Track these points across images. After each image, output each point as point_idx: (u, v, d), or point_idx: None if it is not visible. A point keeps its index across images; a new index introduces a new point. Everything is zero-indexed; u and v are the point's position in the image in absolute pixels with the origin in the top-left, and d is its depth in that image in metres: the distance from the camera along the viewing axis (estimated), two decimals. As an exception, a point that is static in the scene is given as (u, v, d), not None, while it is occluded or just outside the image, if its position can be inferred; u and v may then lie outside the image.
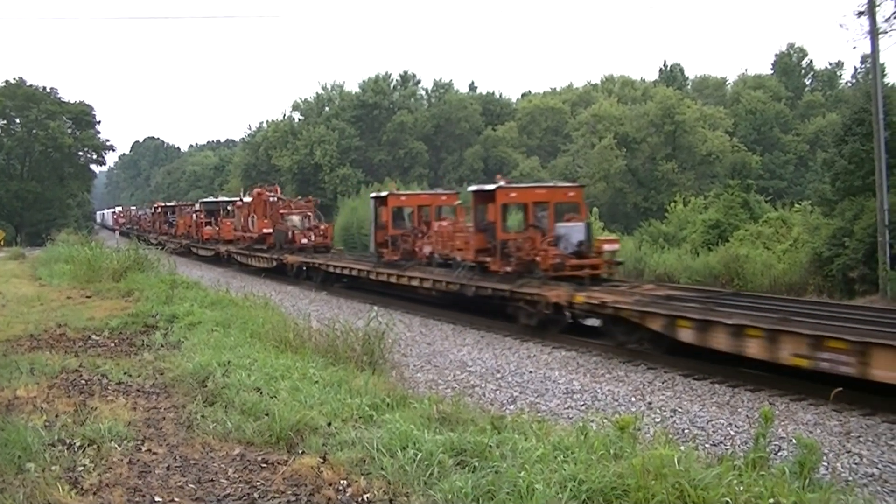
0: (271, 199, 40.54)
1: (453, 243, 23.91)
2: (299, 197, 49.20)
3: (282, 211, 39.20)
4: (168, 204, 74.14)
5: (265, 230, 39.40)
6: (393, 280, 26.62)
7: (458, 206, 27.25)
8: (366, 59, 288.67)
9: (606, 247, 20.89)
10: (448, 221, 25.87)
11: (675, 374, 15.07)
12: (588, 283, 19.42)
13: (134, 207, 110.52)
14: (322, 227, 37.89)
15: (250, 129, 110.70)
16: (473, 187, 24.00)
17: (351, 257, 34.75)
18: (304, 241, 35.92)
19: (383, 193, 29.79)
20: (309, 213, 38.83)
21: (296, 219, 38.11)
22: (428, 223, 27.36)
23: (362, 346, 13.05)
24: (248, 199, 44.10)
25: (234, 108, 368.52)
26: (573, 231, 20.50)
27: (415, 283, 25.20)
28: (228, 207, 51.48)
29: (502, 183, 22.53)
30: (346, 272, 30.63)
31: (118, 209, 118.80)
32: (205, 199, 60.76)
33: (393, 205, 29.16)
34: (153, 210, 75.24)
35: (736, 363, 14.82)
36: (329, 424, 8.32)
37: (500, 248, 21.43)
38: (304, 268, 33.80)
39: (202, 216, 53.11)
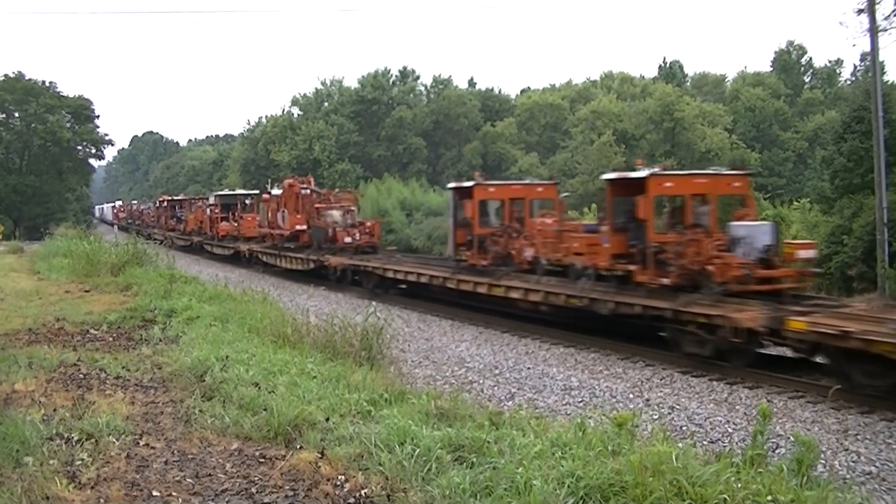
0: (304, 191, 35.17)
1: (568, 246, 19.18)
2: (338, 189, 44.61)
3: (318, 205, 34.27)
4: (175, 197, 69.19)
5: (298, 227, 34.17)
6: (482, 290, 21.85)
7: (559, 200, 23.52)
8: (365, 55, 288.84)
9: (801, 253, 16.06)
10: (552, 218, 21.35)
11: (674, 370, 15.08)
12: (786, 299, 15.23)
13: (136, 201, 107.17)
14: (368, 223, 32.74)
15: (249, 123, 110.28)
16: (611, 175, 19.30)
17: (413, 260, 30.14)
18: (348, 239, 30.86)
19: (468, 183, 23.92)
20: (352, 208, 34.15)
21: (336, 214, 33.09)
22: (521, 220, 22.79)
23: (360, 341, 13.03)
24: (276, 191, 38.65)
25: (232, 102, 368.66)
26: (757, 232, 16.20)
27: (515, 294, 20.37)
28: (247, 201, 47.42)
29: (656, 169, 18.10)
30: (409, 278, 25.93)
31: (118, 203, 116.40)
32: (220, 192, 54.27)
33: (480, 197, 23.35)
34: (158, 204, 70.62)
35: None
36: (327, 419, 8.33)
37: (652, 253, 16.90)
38: (351, 271, 29.22)
39: (217, 210, 48.44)
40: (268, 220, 38.47)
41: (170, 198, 68.75)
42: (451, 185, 25.68)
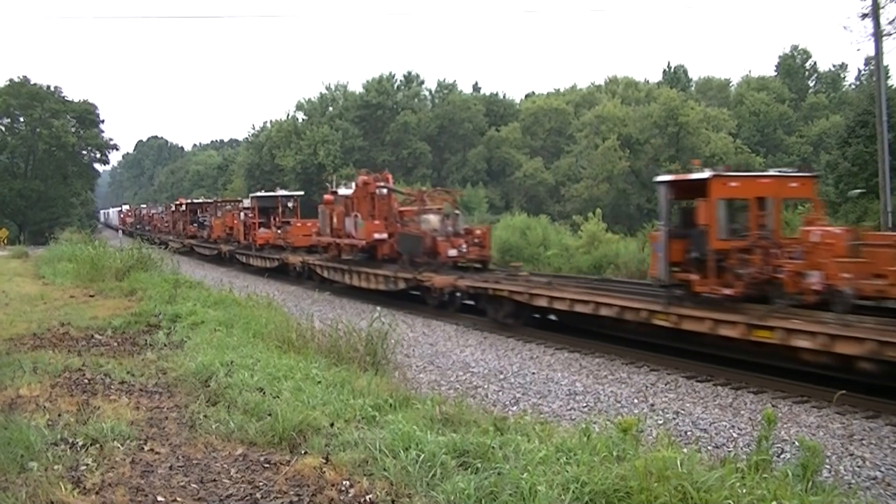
0: (381, 191, 27.60)
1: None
2: (427, 187, 36.78)
3: (404, 208, 27.54)
4: (196, 200, 63.78)
5: (377, 235, 26.71)
6: (730, 333, 14.59)
7: (817, 199, 16.89)
8: (370, 60, 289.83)
9: None
10: (832, 226, 15.40)
11: (678, 376, 15.04)
12: None
13: (145, 205, 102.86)
14: (477, 231, 25.38)
15: (254, 128, 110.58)
16: None
17: (575, 283, 20.68)
18: (452, 252, 24.03)
19: (699, 175, 15.83)
20: (456, 211, 26.85)
21: (434, 219, 25.61)
22: (766, 226, 15.67)
23: (365, 346, 13.05)
24: (344, 190, 30.60)
25: (237, 107, 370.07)
26: None
27: (803, 342, 13.22)
28: (290, 204, 42.24)
29: None
30: (578, 309, 18.07)
31: (125, 207, 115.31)
32: (259, 194, 46.01)
33: (719, 195, 15.59)
34: (174, 208, 64.78)
35: (739, 366, 14.83)
36: (332, 425, 8.32)
37: None
38: (462, 294, 22.73)
39: (253, 215, 41.92)
40: (331, 226, 30.77)
41: (189, 201, 63.40)
42: (664, 177, 17.45)
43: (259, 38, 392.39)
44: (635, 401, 13.50)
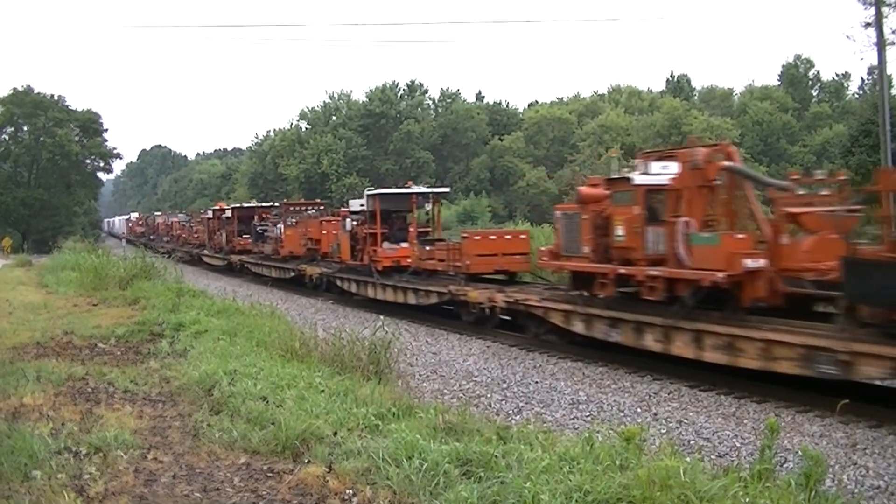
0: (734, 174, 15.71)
1: None
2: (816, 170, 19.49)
3: (794, 210, 14.31)
4: (248, 205, 50.12)
5: (750, 263, 13.67)
6: None
7: None
8: (373, 68, 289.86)
9: None
10: None
11: (681, 385, 15.00)
12: None
13: (158, 213, 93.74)
14: None
15: (257, 137, 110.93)
16: None
17: None
18: None
19: None
20: None
21: None
22: None
23: (368, 355, 13.04)
24: (644, 178, 15.75)
25: (241, 116, 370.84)
26: None
27: None
28: (427, 206, 28.69)
29: None
30: None
31: (134, 216, 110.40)
32: (379, 191, 29.41)
33: None
34: (211, 214, 51.85)
35: (742, 375, 14.80)
36: (335, 434, 8.34)
37: None
38: None
39: (370, 223, 27.27)
40: (599, 240, 16.97)
41: (238, 205, 49.98)
42: None
43: (262, 47, 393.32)
44: (638, 410, 13.48)
